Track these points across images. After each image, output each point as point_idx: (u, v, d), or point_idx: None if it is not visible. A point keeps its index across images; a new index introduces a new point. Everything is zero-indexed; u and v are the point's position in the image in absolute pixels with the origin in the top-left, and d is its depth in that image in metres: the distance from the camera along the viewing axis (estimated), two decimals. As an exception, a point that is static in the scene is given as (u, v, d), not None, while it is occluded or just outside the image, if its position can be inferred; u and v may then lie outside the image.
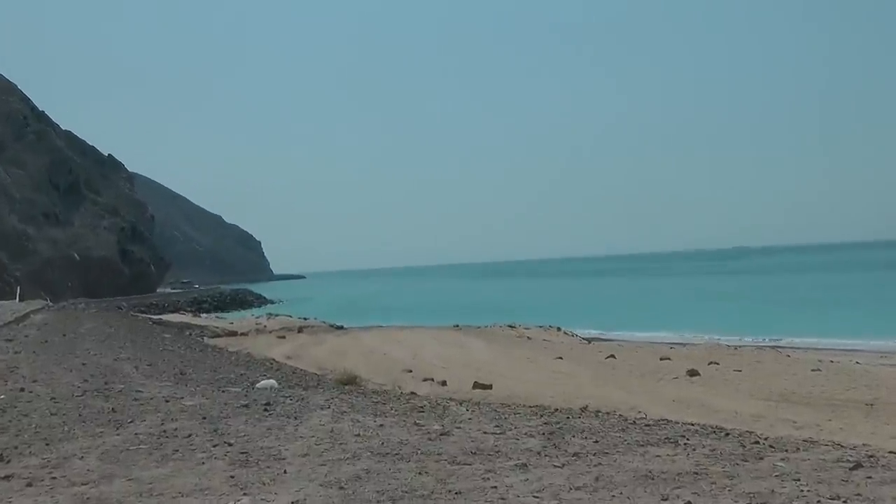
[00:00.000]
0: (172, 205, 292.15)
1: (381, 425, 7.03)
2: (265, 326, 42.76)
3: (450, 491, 4.60)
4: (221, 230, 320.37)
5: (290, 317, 55.49)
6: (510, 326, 41.18)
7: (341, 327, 45.12)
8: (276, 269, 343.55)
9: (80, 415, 7.68)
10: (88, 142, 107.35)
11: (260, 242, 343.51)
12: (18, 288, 63.58)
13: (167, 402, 8.66)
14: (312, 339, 32.10)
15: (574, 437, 6.35)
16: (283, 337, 33.23)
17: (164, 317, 47.96)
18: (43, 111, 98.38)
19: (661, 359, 23.05)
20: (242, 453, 5.80)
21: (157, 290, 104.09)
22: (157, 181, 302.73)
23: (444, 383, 16.91)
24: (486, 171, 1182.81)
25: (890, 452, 5.74)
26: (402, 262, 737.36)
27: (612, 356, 24.35)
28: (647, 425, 7.10)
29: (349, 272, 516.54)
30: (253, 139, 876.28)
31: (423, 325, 44.07)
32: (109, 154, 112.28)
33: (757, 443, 6.05)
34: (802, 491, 4.42)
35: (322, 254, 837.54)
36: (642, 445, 5.91)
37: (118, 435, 6.61)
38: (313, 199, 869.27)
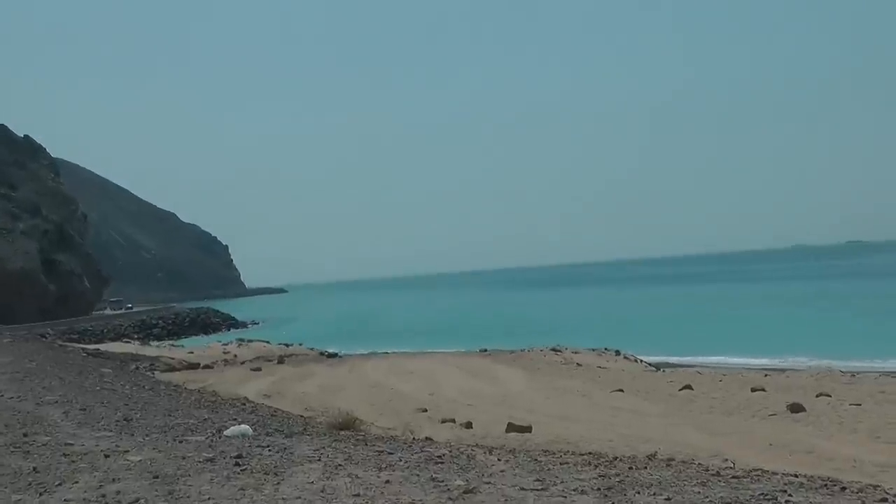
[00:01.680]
0: (111, 200, 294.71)
1: (388, 482, 7.02)
2: (235, 356, 42.97)
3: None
4: (176, 232, 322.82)
5: (268, 343, 55.76)
6: (554, 350, 41.15)
7: (335, 355, 45.33)
8: (250, 281, 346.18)
9: (-8, 477, 7.71)
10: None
11: (227, 247, 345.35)
12: None
13: (107, 457, 8.68)
14: (297, 372, 32.20)
15: (638, 493, 6.30)
16: (259, 369, 33.39)
17: (103, 346, 48.35)
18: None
19: (752, 390, 22.90)
20: (206, 523, 5.81)
21: (93, 313, 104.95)
22: (90, 170, 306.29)
23: (468, 425, 16.88)
24: (499, 165, 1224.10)
25: None
26: (404, 270, 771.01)
27: (688, 387, 24.22)
28: (735, 477, 7.03)
29: (340, 284, 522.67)
30: (216, 120, 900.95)
31: (440, 350, 44.16)
32: (26, 135, 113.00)
33: (884, 500, 5.97)
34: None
35: (307, 263, 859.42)
36: (730, 504, 5.86)
37: None
38: (295, 196, 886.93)
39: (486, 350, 43.58)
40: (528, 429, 15.84)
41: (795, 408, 18.55)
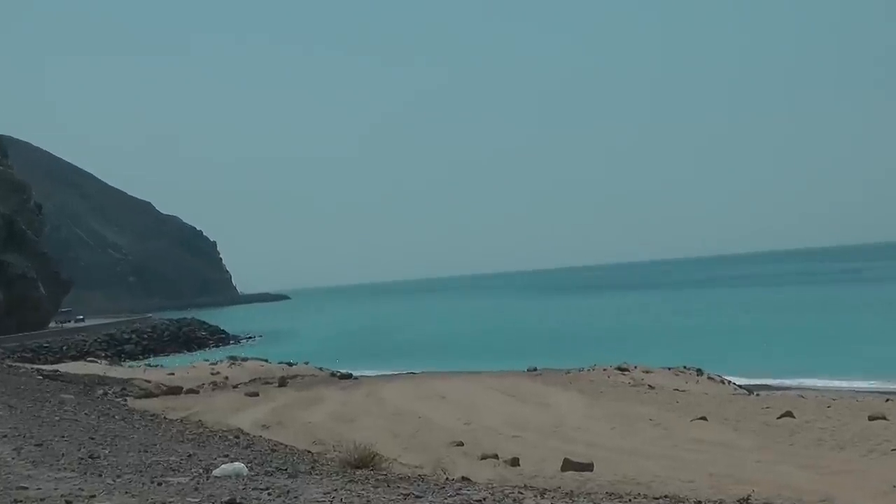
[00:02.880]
0: (73, 188, 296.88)
1: (415, 534, 6.97)
2: (226, 378, 43.18)
3: None
4: (152, 226, 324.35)
5: (267, 361, 56.04)
6: (620, 370, 41.00)
7: (348, 376, 45.50)
8: (244, 285, 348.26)
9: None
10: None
11: (215, 244, 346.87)
12: None
13: (69, 503, 8.70)
14: (303, 397, 32.26)
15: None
16: (256, 394, 33.47)
17: (63, 367, 48.71)
18: None
19: (869, 418, 22.62)
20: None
21: (51, 325, 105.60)
22: (45, 150, 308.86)
23: (514, 462, 16.81)
24: (525, 156, 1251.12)
25: None
26: (421, 273, 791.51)
27: (789, 414, 23.99)
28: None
29: (346, 289, 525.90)
30: (203, 96, 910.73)
31: (477, 369, 44.16)
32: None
33: None
34: None
35: (312, 265, 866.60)
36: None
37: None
38: (296, 187, 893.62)
39: (535, 369, 43.54)
40: (588, 466, 15.74)
41: (925, 440, 18.31)
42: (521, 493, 9.38)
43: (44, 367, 47.57)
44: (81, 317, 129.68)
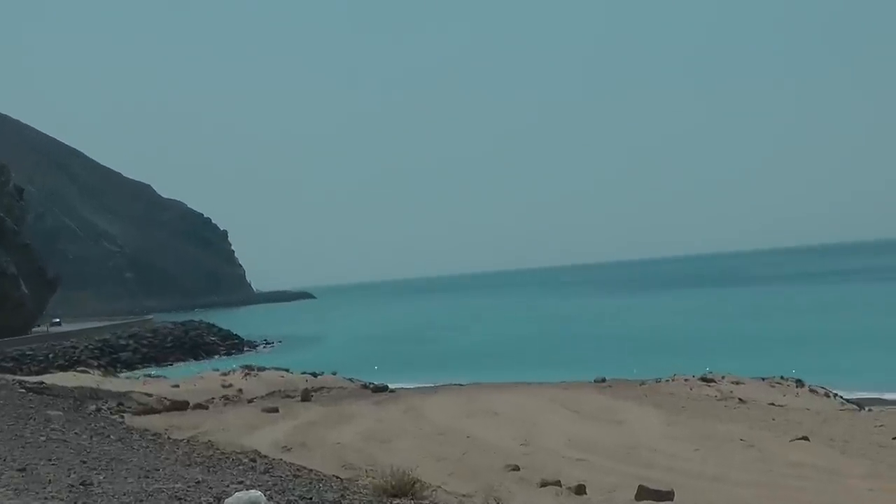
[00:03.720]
0: (60, 169, 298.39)
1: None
2: (240, 391, 43.34)
3: None
4: (153, 213, 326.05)
5: (287, 371, 56.19)
6: (705, 380, 40.77)
7: (383, 388, 45.41)
8: (260, 283, 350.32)
9: None
10: None
11: (226, 233, 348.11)
12: None
13: (59, 537, 8.75)
14: (330, 413, 32.30)
15: None
16: (276, 410, 33.51)
17: (49, 378, 49.08)
18: None
19: None
20: None
21: (34, 330, 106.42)
22: (29, 125, 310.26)
23: (581, 490, 16.77)
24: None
25: None
26: (456, 269, 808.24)
27: (909, 434, 23.78)
28: None
29: (381, 286, 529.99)
30: (210, 66, 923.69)
31: (535, 380, 44.02)
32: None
33: None
34: None
35: (336, 260, 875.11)
36: None
37: None
38: (318, 172, 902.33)
39: (603, 380, 43.41)
40: (668, 495, 15.69)
41: None
42: (589, 527, 9.36)
43: (27, 378, 47.90)
44: (58, 320, 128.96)
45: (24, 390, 36.65)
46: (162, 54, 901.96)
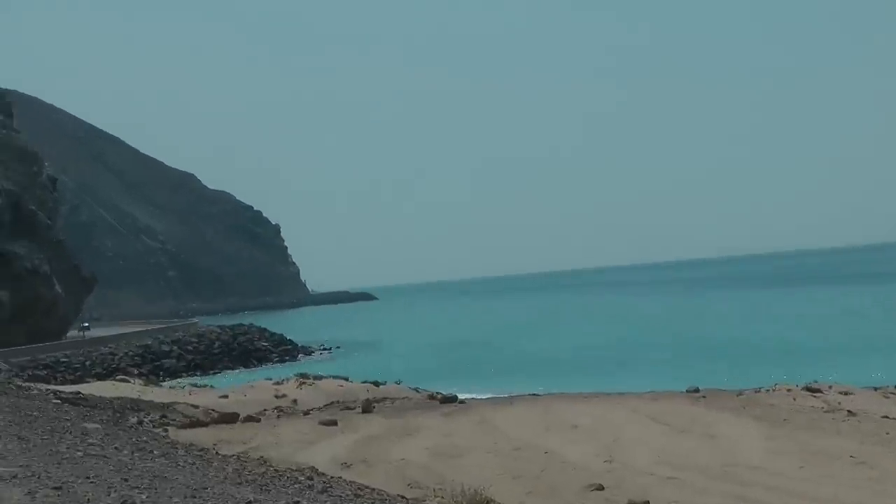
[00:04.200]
0: (97, 158, 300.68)
1: None
2: (295, 402, 43.54)
3: None
4: (199, 206, 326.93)
5: (347, 380, 56.22)
6: (810, 390, 40.29)
7: (453, 399, 45.44)
8: (316, 283, 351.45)
9: None
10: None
11: (278, 228, 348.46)
12: None
13: (99, 561, 8.86)
14: (394, 426, 32.37)
15: None
16: (334, 422, 33.60)
17: (86, 388, 49.49)
18: None
19: None
20: None
21: (69, 334, 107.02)
22: (62, 110, 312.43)
23: (670, 514, 16.75)
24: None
25: None
26: (520, 268, 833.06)
27: None
28: None
29: (446, 286, 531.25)
30: (259, 47, 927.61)
31: (619, 390, 43.82)
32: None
33: None
34: None
35: (398, 257, 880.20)
36: None
37: None
38: (379, 164, 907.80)
39: (696, 389, 43.09)
40: (770, 520, 15.64)
41: None
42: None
43: (62, 387, 48.32)
44: (87, 325, 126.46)
45: (59, 401, 36.99)
46: (207, 34, 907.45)
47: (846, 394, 39.81)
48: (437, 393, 48.97)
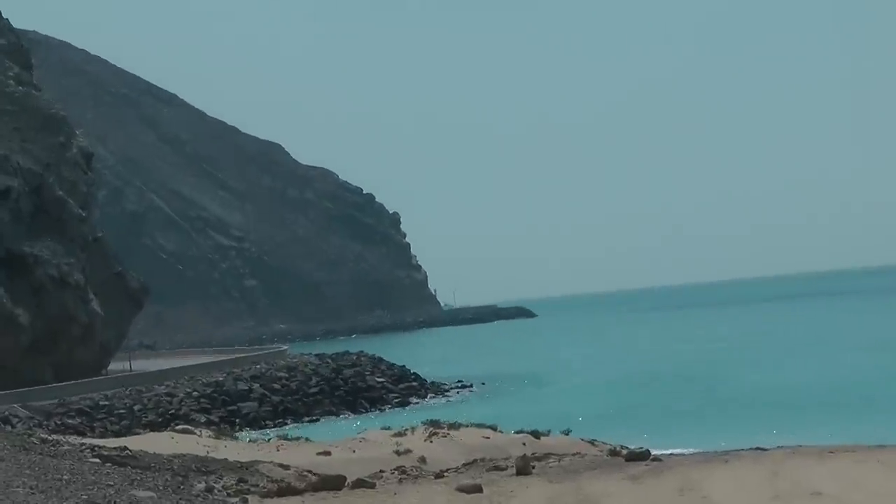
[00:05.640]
0: (145, 121, 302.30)
1: None
2: (424, 459, 43.84)
3: None
4: (287, 188, 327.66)
5: (494, 429, 56.47)
6: None
7: (644, 455, 45.41)
8: (449, 296, 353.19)
9: None
10: None
11: (397, 218, 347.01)
12: None
13: None
14: (562, 494, 32.49)
15: None
16: (479, 489, 33.80)
17: (135, 441, 50.24)
18: None
19: None
20: None
21: (110, 369, 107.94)
22: (97, 56, 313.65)
23: None
24: None
25: None
26: (711, 275, 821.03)
27: None
28: None
29: (615, 297, 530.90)
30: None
31: (875, 442, 43.55)
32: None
33: None
34: None
35: (554, 264, 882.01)
36: None
37: None
38: (526, 150, 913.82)
39: None
40: None
41: None
42: None
43: (102, 441, 49.13)
44: (136, 352, 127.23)
45: (97, 460, 37.69)
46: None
47: None
48: (622, 447, 48.89)
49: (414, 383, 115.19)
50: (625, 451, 46.32)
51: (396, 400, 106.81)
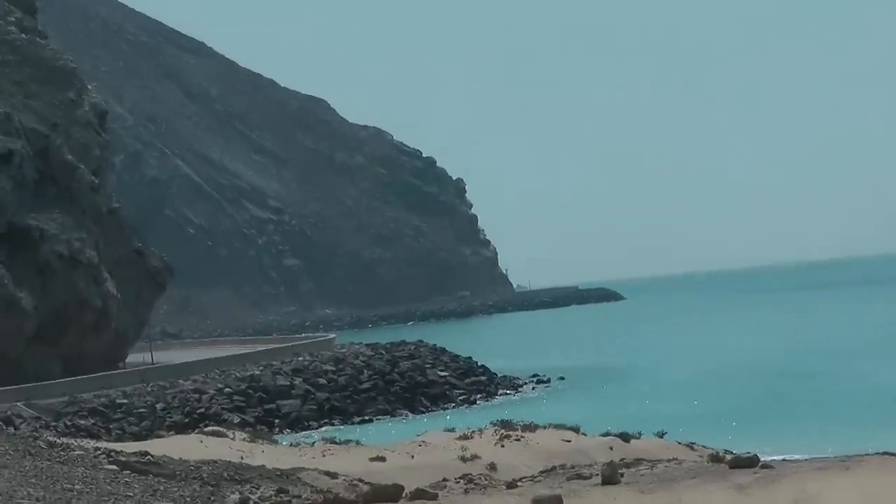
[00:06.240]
0: (169, 74, 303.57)
1: None
2: (493, 466, 43.76)
3: None
4: (334, 151, 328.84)
5: (576, 431, 56.38)
6: None
7: (752, 461, 45.24)
8: (523, 276, 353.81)
9: None
10: None
11: (462, 187, 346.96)
12: None
13: None
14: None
15: None
16: (558, 501, 33.67)
17: (158, 445, 50.36)
18: None
19: None
20: None
21: (128, 362, 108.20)
22: (121, 3, 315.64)
23: None
24: None
25: None
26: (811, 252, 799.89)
27: None
28: None
29: (709, 277, 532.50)
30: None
31: None
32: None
33: None
34: None
35: (646, 241, 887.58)
36: None
37: None
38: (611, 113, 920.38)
39: None
40: None
41: None
42: None
43: (119, 445, 49.24)
44: (158, 342, 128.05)
45: (114, 467, 37.69)
46: None
47: None
48: (725, 451, 48.71)
49: (482, 378, 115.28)
50: (729, 457, 46.08)
51: (461, 397, 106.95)
